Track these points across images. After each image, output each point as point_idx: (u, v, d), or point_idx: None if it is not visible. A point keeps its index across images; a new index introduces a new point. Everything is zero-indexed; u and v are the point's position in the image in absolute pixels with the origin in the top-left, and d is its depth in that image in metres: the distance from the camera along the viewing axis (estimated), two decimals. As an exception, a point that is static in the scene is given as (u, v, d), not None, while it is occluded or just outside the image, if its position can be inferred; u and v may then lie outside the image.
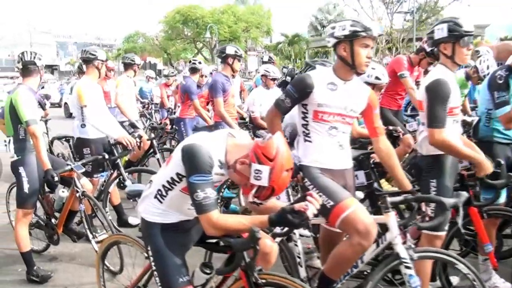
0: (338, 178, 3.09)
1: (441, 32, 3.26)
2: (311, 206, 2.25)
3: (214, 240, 2.65)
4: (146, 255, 2.81)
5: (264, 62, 9.18)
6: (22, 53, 4.50)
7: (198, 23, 42.95)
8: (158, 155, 6.46)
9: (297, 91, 3.09)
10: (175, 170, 2.45)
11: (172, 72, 10.84)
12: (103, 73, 5.46)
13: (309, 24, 64.66)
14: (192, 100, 7.21)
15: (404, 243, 2.77)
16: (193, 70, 7.72)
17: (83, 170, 4.44)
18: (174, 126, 7.47)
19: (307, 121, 3.14)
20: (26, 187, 4.32)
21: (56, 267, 4.69)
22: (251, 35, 45.13)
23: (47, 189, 4.72)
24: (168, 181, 2.50)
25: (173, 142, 8.90)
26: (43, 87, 31.79)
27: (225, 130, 2.58)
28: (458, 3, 31.41)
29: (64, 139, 6.19)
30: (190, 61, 7.93)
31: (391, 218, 2.84)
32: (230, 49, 5.89)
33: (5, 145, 4.43)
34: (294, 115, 4.48)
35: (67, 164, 4.37)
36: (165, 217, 2.59)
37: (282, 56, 44.03)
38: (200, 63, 7.88)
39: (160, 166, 6.50)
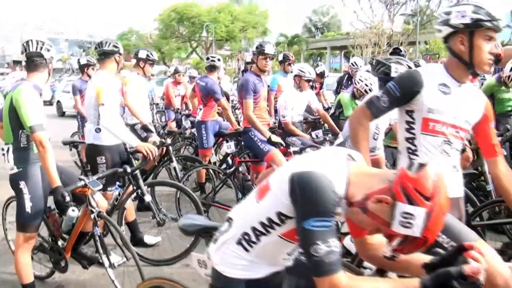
0: (452, 209, 2.37)
1: None
2: (481, 267, 1.52)
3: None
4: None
5: (281, 62, 8.38)
6: (27, 42, 3.69)
7: (194, 22, 42.32)
8: (175, 164, 5.68)
9: (401, 89, 2.44)
10: (275, 207, 1.71)
11: (188, 71, 9.97)
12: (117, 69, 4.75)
13: (303, 26, 64.52)
14: (217, 100, 6.46)
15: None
16: (212, 68, 6.90)
17: (100, 187, 3.64)
18: (191, 131, 6.64)
19: (413, 133, 2.45)
20: (28, 206, 3.53)
21: (62, 299, 3.94)
22: (248, 35, 44.51)
23: (53, 207, 3.92)
24: (262, 223, 1.76)
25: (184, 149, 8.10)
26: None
27: (342, 150, 1.82)
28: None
29: (71, 144, 5.38)
30: (207, 58, 7.04)
31: None
32: (269, 48, 5.23)
33: (3, 154, 3.63)
34: None
35: (80, 179, 3.57)
36: (252, 270, 1.84)
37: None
38: (219, 60, 7.09)
39: (177, 176, 5.77)
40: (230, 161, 7.07)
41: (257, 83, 5.14)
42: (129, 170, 4.01)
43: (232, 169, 5.44)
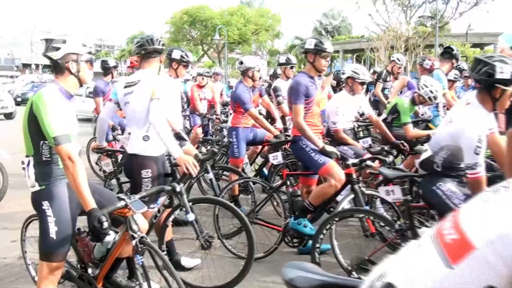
0: None
1: None
2: None
3: None
4: None
5: (280, 64, 7.75)
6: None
7: (206, 25, 41.87)
8: (211, 175, 5.07)
9: None
10: (485, 279, 1.05)
11: (207, 72, 9.36)
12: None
13: (313, 29, 64.13)
14: (246, 110, 5.81)
15: None
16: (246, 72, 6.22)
17: (145, 209, 3.02)
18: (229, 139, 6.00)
19: None
20: (53, 231, 2.93)
21: (93, 336, 3.35)
22: (260, 38, 44.10)
23: (82, 228, 3.34)
24: None
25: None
26: (44, 87, 30.62)
27: None
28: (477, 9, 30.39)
29: (105, 153, 4.80)
30: (241, 62, 6.26)
31: None
32: (329, 46, 4.55)
33: (23, 168, 3.03)
34: (454, 133, 3.17)
35: (119, 198, 2.96)
36: None
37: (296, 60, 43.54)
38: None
39: (213, 188, 5.16)
40: (266, 172, 6.48)
41: (310, 86, 4.50)
42: (178, 189, 3.40)
43: (279, 183, 4.83)
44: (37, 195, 2.99)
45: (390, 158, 4.29)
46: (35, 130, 2.91)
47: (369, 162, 4.28)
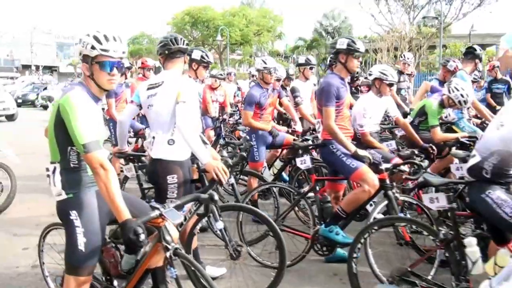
0: None
1: None
2: None
3: None
4: None
5: (299, 65, 7.62)
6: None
7: (208, 25, 41.74)
8: (233, 180, 4.86)
9: None
10: None
11: (221, 74, 9.09)
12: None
13: (314, 30, 63.93)
14: (244, 109, 5.82)
15: None
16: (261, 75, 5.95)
17: (181, 219, 2.81)
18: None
19: None
20: (81, 242, 2.73)
21: None
22: (262, 39, 43.95)
23: (107, 238, 3.14)
24: None
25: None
26: (45, 89, 30.47)
27: None
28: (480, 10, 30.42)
29: (127, 158, 4.56)
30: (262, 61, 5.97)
31: None
32: (361, 45, 4.36)
33: (48, 175, 2.82)
34: (506, 137, 2.97)
35: (153, 207, 2.74)
36: None
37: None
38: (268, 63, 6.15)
39: (235, 194, 4.96)
40: (285, 176, 6.26)
41: (341, 88, 4.30)
42: (216, 197, 3.18)
43: (306, 189, 4.62)
44: (64, 204, 2.79)
45: (425, 163, 4.10)
46: (62, 135, 2.71)
47: (403, 167, 4.10)
